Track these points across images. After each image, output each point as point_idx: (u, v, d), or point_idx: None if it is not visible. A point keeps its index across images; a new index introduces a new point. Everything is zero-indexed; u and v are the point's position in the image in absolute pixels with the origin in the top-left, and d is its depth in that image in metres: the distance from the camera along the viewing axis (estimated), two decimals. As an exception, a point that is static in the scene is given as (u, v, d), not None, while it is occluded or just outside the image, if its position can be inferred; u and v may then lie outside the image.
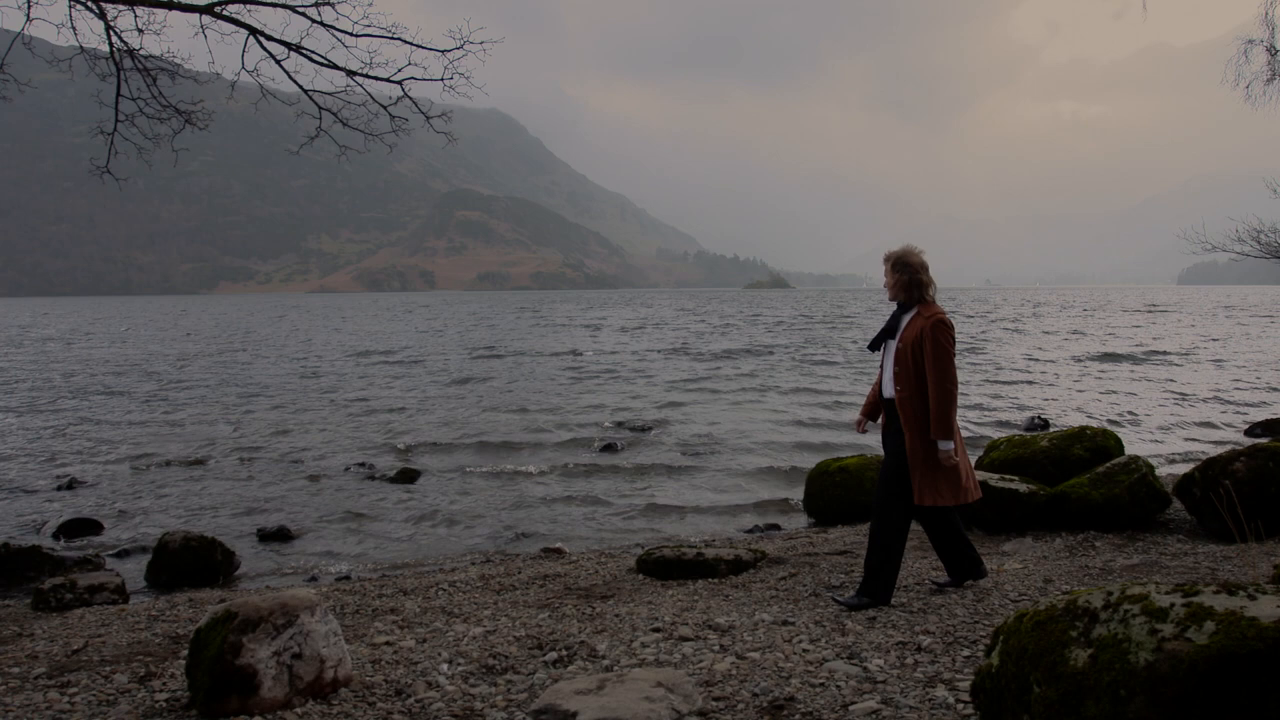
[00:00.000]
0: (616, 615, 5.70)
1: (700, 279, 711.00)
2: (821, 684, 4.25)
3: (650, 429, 17.47)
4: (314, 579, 8.61)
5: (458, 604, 6.29)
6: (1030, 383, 24.85)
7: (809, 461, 13.24)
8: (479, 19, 9.63)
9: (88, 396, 24.84)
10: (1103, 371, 27.99)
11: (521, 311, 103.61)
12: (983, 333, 50.07)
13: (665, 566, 7.07)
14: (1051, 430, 10.56)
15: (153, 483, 13.29)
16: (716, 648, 4.89)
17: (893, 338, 5.71)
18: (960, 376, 26.11)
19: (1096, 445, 8.95)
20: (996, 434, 14.33)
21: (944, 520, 5.88)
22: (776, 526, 10.08)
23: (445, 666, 4.78)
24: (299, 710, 4.19)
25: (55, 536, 10.45)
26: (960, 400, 21.09)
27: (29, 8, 7.29)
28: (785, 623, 5.34)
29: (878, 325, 61.03)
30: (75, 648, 5.56)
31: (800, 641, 4.94)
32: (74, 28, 7.84)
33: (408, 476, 13.35)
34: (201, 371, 32.13)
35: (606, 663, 4.77)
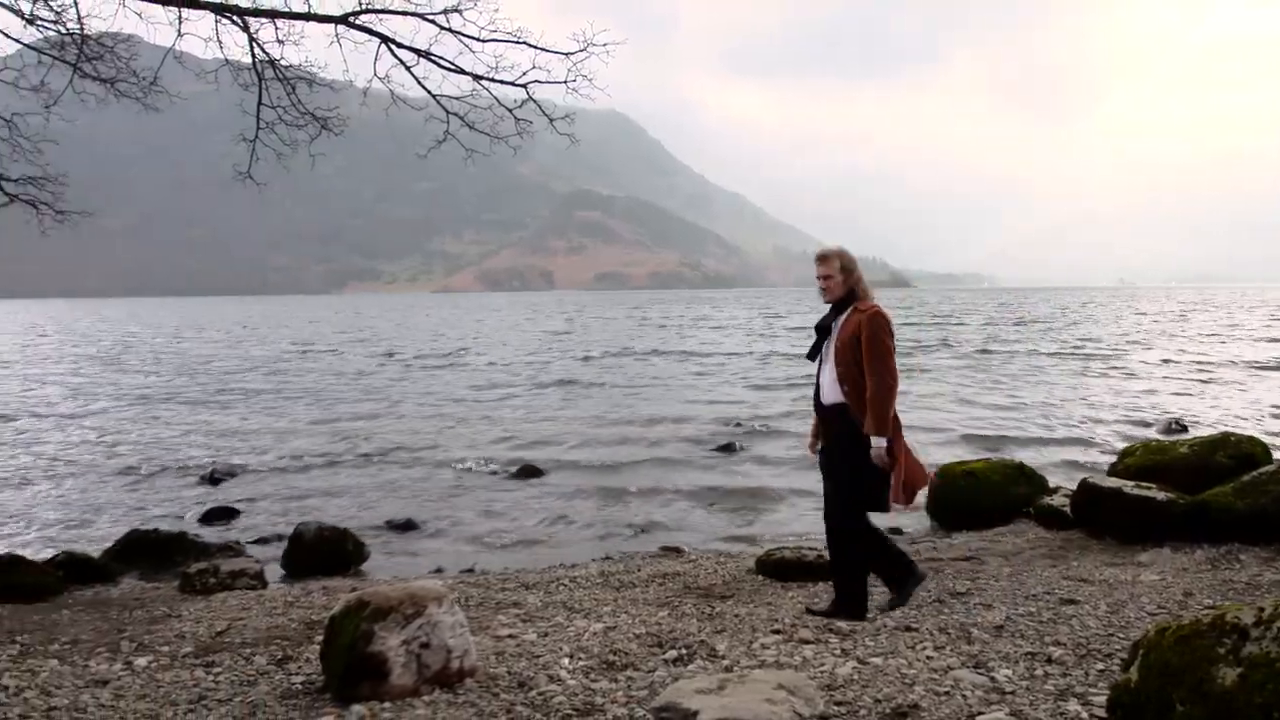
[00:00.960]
0: (736, 615, 5.68)
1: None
2: (946, 693, 4.15)
3: (770, 429, 17.36)
4: (439, 571, 8.84)
5: (578, 599, 6.37)
6: (1167, 387, 23.76)
7: (932, 464, 12.94)
8: (600, 21, 9.73)
9: (233, 391, 26.11)
10: (1249, 376, 26.53)
11: (638, 310, 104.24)
12: (1120, 334, 48.07)
13: (785, 568, 7.02)
14: (1191, 436, 10.07)
15: (289, 475, 13.87)
16: (838, 651, 4.83)
17: (829, 339, 5.45)
18: (1090, 380, 25.21)
19: (1241, 453, 8.49)
20: (1131, 439, 13.74)
21: (869, 534, 5.60)
22: (898, 530, 9.88)
23: (566, 661, 4.85)
24: (426, 698, 4.31)
25: (199, 523, 11.03)
26: (1091, 403, 20.35)
27: (180, 24, 7.72)
28: (908, 628, 5.24)
29: (1001, 321, 59.28)
30: (219, 629, 5.84)
31: (924, 648, 4.84)
32: (219, 41, 8.26)
33: (530, 473, 13.60)
34: (334, 370, 33.38)
35: (726, 663, 4.76)
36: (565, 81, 8.61)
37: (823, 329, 5.49)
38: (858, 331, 5.26)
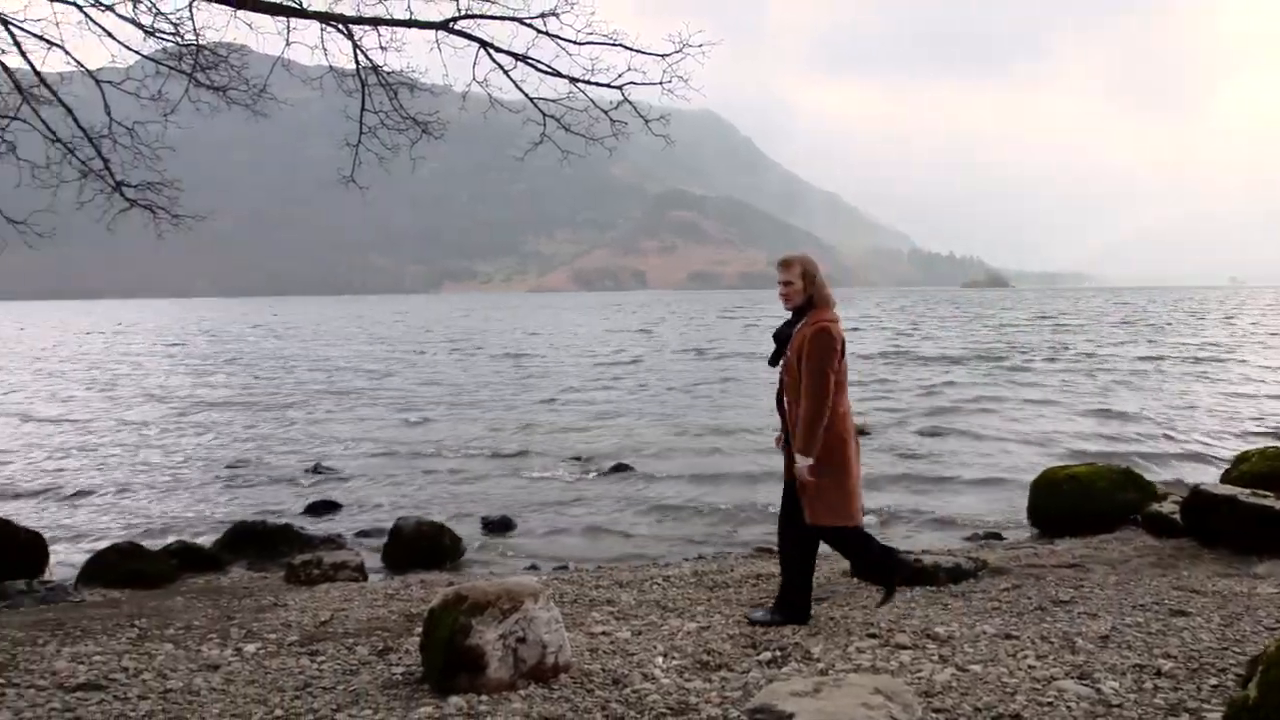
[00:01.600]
0: (831, 618, 5.63)
1: (914, 278, 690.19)
2: (1050, 703, 4.05)
3: (869, 432, 17.13)
4: (534, 567, 8.96)
5: (672, 599, 6.39)
6: (1286, 391, 22.70)
7: (1033, 468, 12.61)
8: (692, 21, 9.72)
9: (339, 389, 26.88)
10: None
11: (731, 311, 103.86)
12: (1233, 336, 46.09)
13: (880, 572, 6.91)
14: (1314, 443, 9.61)
15: (389, 471, 14.21)
16: (936, 658, 4.75)
17: (786, 348, 5.36)
18: (1201, 384, 24.19)
19: (1368, 460, 8.07)
20: (1245, 445, 13.16)
21: (812, 541, 5.52)
22: (998, 535, 9.65)
23: (660, 660, 4.87)
24: (522, 692, 4.38)
25: (303, 516, 11.38)
26: (1202, 407, 19.55)
27: (288, 33, 8.00)
28: (1008, 636, 5.12)
29: (1106, 321, 57.34)
30: (322, 619, 6.02)
31: (1025, 657, 4.72)
32: (324, 49, 8.53)
33: (622, 471, 13.69)
34: (435, 369, 34.08)
35: (821, 666, 4.72)
36: (660, 83, 8.64)
37: (781, 337, 5.44)
38: (803, 345, 5.21)
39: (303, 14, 7.71)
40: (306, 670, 4.90)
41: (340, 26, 7.86)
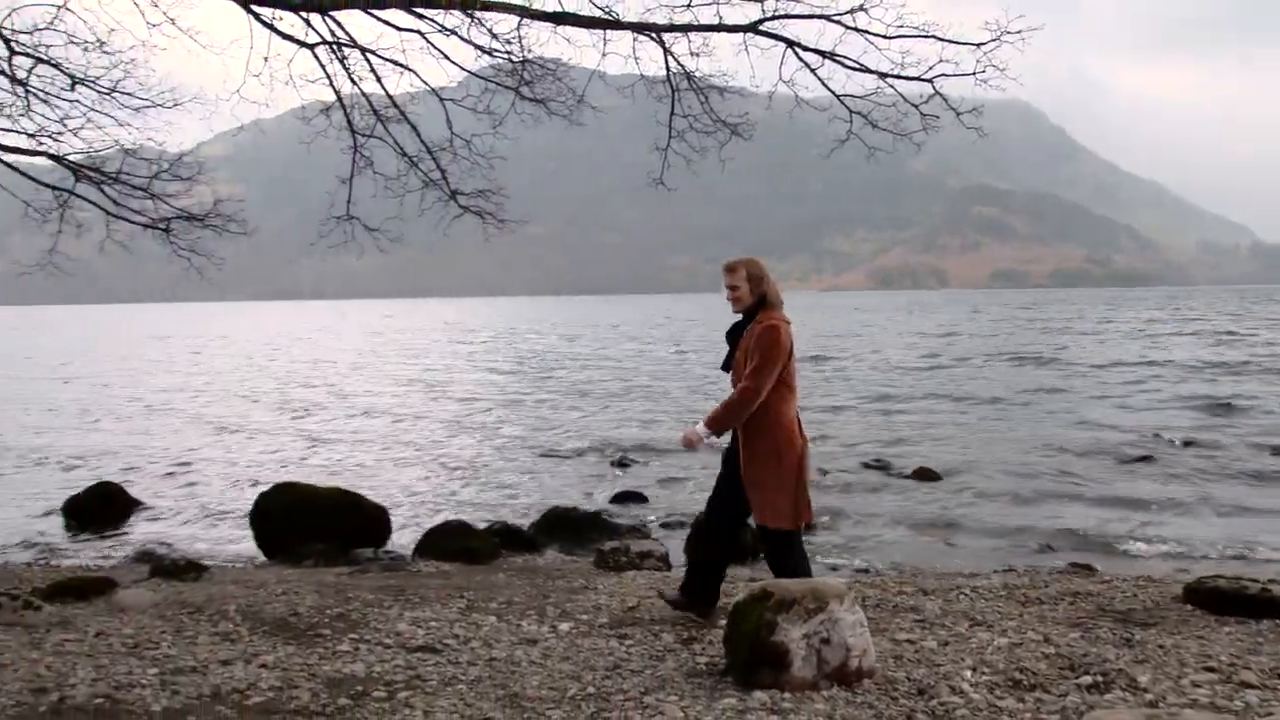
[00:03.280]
0: (1160, 646, 5.17)
1: (1254, 275, 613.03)
2: None
3: (1196, 441, 15.57)
4: (834, 569, 8.88)
5: (980, 610, 6.12)
6: None
7: None
8: (997, 4, 9.19)
9: (645, 382, 28.03)
10: None
11: (1038, 310, 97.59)
12: None
13: (1220, 599, 6.25)
14: None
15: (691, 462, 14.59)
16: (1292, 701, 4.25)
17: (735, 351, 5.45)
18: None
19: None
20: None
21: (732, 539, 5.75)
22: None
23: (969, 673, 4.68)
24: (825, 693, 4.36)
25: (610, 504, 11.98)
26: None
27: (604, 44, 8.43)
28: (1389, 684, 4.48)
29: None
30: (630, 605, 6.28)
31: None
32: (636, 58, 8.90)
33: (927, 475, 13.26)
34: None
35: (1150, 697, 4.35)
36: (974, 73, 8.28)
37: (732, 340, 5.52)
38: (750, 344, 5.30)
39: (618, 25, 8.06)
40: (616, 652, 5.13)
41: (653, 35, 8.16)
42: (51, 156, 8.90)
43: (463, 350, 48.30)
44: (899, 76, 8.22)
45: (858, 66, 8.22)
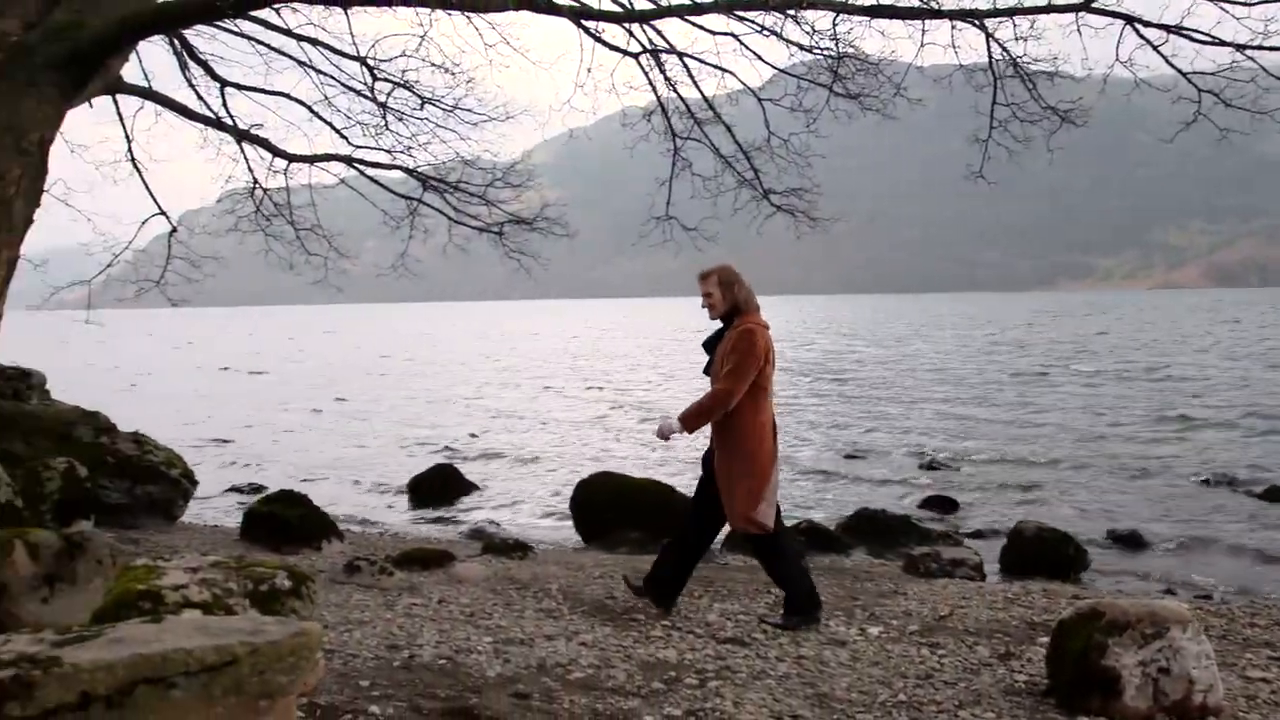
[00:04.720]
0: None
1: None
2: None
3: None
4: (1169, 592, 8.16)
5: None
6: None
7: None
8: None
9: (962, 385, 27.12)
10: None
11: None
12: None
13: None
14: None
15: (1007, 472, 13.95)
16: None
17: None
18: None
19: None
20: None
21: (708, 537, 5.84)
22: None
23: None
24: (1162, 728, 4.01)
25: (918, 509, 11.69)
26: None
27: (922, 35, 8.17)
28: None
29: None
30: (941, 614, 6.07)
31: None
32: (955, 48, 8.53)
33: (1276, 496, 11.84)
34: (1066, 375, 32.73)
35: None
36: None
37: (710, 347, 5.65)
38: (726, 346, 5.43)
39: (938, 14, 7.76)
40: (927, 661, 4.99)
41: (974, 22, 7.79)
42: (404, 169, 9.98)
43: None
44: (1262, 48, 7.31)
45: (1211, 39, 7.38)
